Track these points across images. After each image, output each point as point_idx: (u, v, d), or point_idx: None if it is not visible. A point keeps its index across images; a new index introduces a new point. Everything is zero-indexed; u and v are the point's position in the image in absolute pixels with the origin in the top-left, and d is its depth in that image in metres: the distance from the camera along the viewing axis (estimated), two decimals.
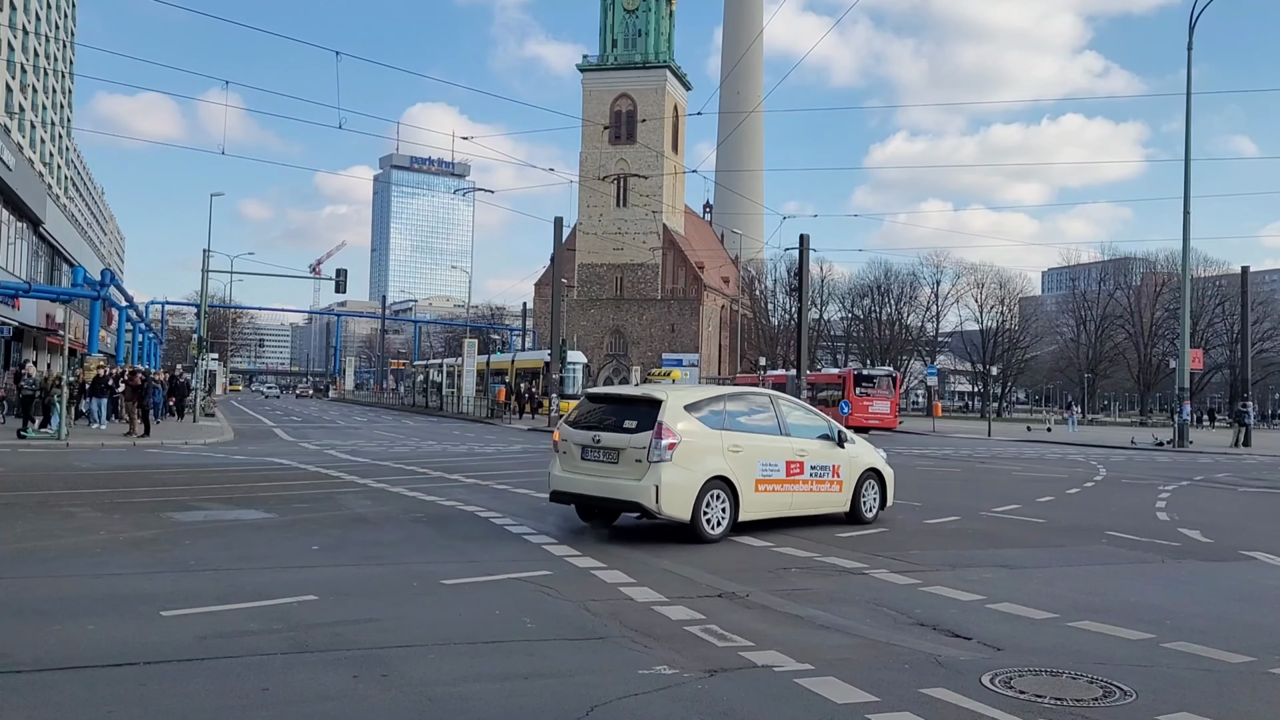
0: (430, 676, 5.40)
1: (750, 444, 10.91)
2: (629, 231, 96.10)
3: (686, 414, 10.53)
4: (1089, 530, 12.42)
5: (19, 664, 5.42)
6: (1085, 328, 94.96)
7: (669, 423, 10.26)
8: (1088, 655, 6.15)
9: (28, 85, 68.19)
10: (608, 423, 10.85)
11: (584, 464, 10.83)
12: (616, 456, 10.51)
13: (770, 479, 11.04)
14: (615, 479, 10.45)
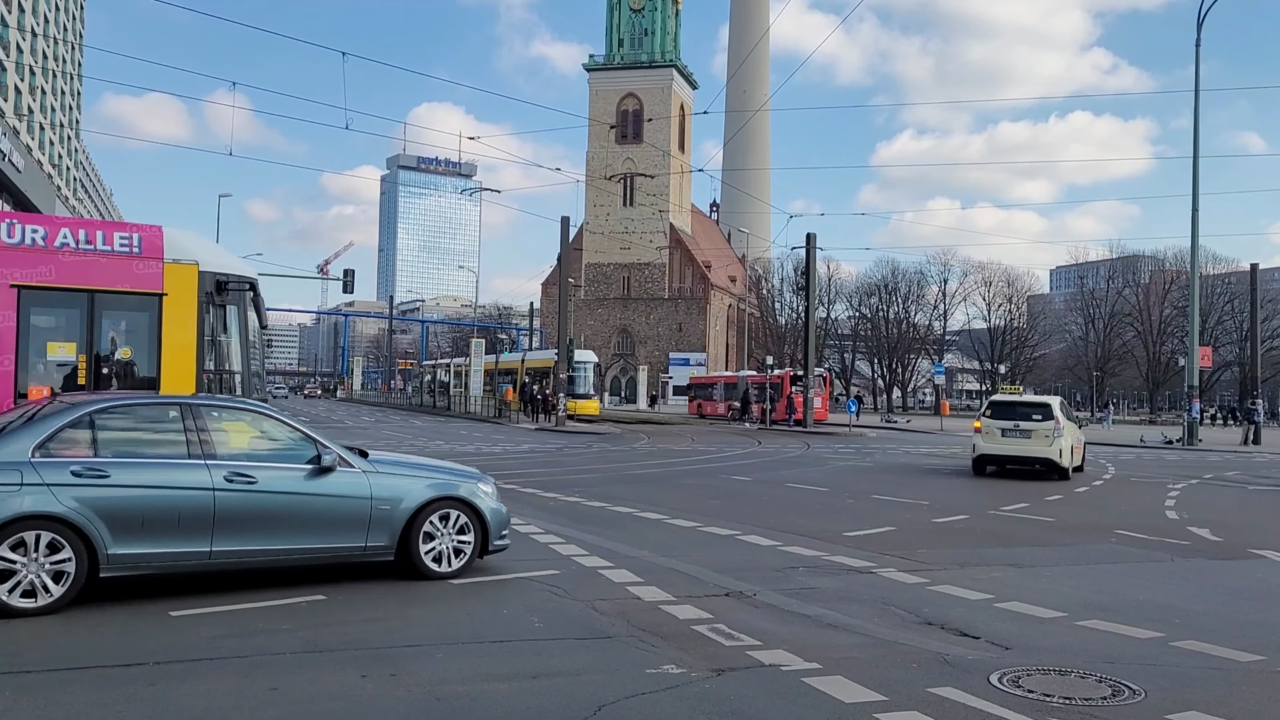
0: (439, 676, 5.41)
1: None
2: (636, 231, 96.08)
3: (1060, 412, 19.37)
4: (1098, 529, 12.39)
5: (29, 664, 5.45)
6: (1094, 326, 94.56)
7: (1059, 416, 19.32)
8: (1096, 654, 6.14)
9: (36, 87, 68.43)
10: (1018, 414, 19.82)
11: (1004, 440, 19.67)
12: (1030, 434, 19.32)
13: None
14: (1031, 448, 19.27)
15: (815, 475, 19.98)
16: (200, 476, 7.19)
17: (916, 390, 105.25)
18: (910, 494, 15.98)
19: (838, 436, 38.12)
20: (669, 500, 14.27)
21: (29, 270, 10.85)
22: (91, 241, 11.45)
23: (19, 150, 37.36)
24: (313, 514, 7.65)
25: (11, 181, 33.18)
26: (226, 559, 7.28)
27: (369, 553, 7.93)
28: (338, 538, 7.79)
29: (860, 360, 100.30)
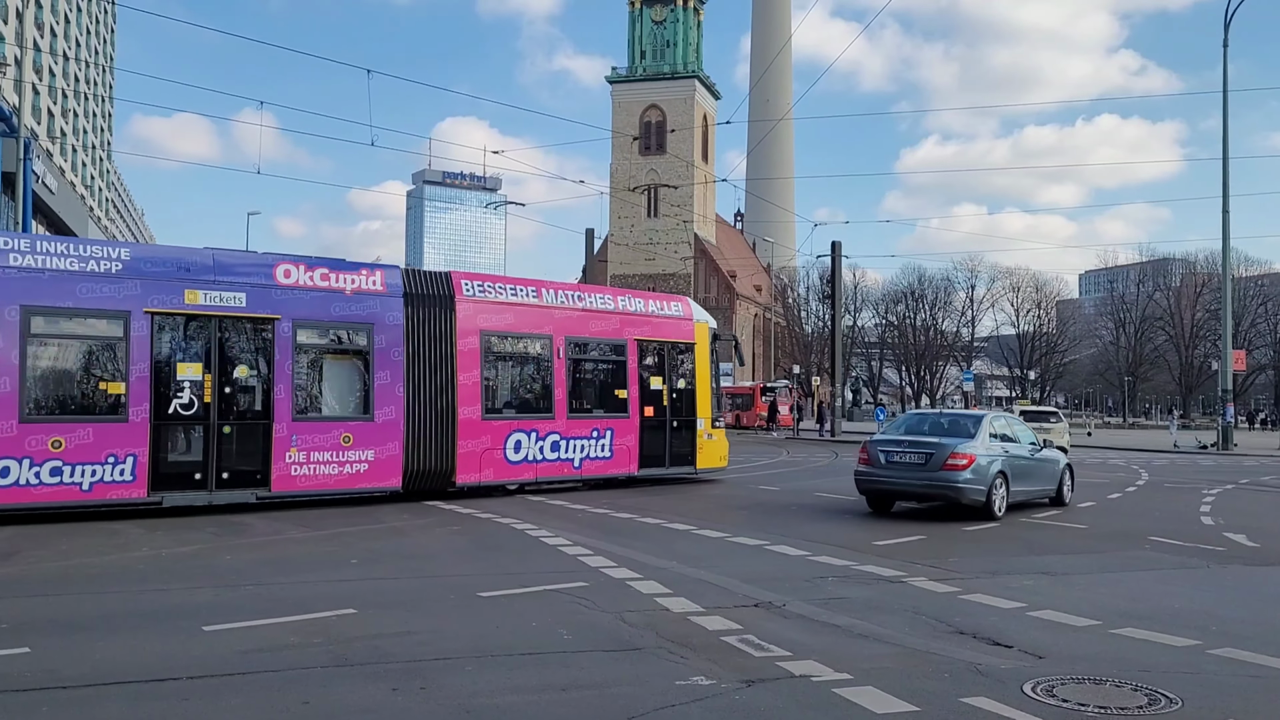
0: (468, 688, 5.43)
1: None
2: (660, 242, 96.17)
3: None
4: (1131, 535, 12.25)
5: (66, 680, 5.51)
6: (1124, 330, 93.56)
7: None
8: (1132, 663, 6.07)
9: (69, 110, 69.55)
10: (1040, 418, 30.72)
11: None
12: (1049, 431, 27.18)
13: None
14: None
15: (844, 485, 19.85)
16: (1025, 450, 14.82)
17: (945, 398, 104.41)
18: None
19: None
20: (696, 511, 14.24)
21: (640, 329, 18.50)
22: (666, 310, 19.37)
23: (53, 172, 37.97)
24: (1044, 471, 15.25)
25: (46, 204, 33.71)
26: (1022, 496, 14.72)
27: (1059, 495, 15.72)
28: (1045, 485, 15.35)
29: (888, 368, 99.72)
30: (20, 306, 12.16)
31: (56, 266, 12.50)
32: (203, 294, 13.37)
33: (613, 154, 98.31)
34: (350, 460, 14.48)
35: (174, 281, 13.24)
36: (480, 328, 16.01)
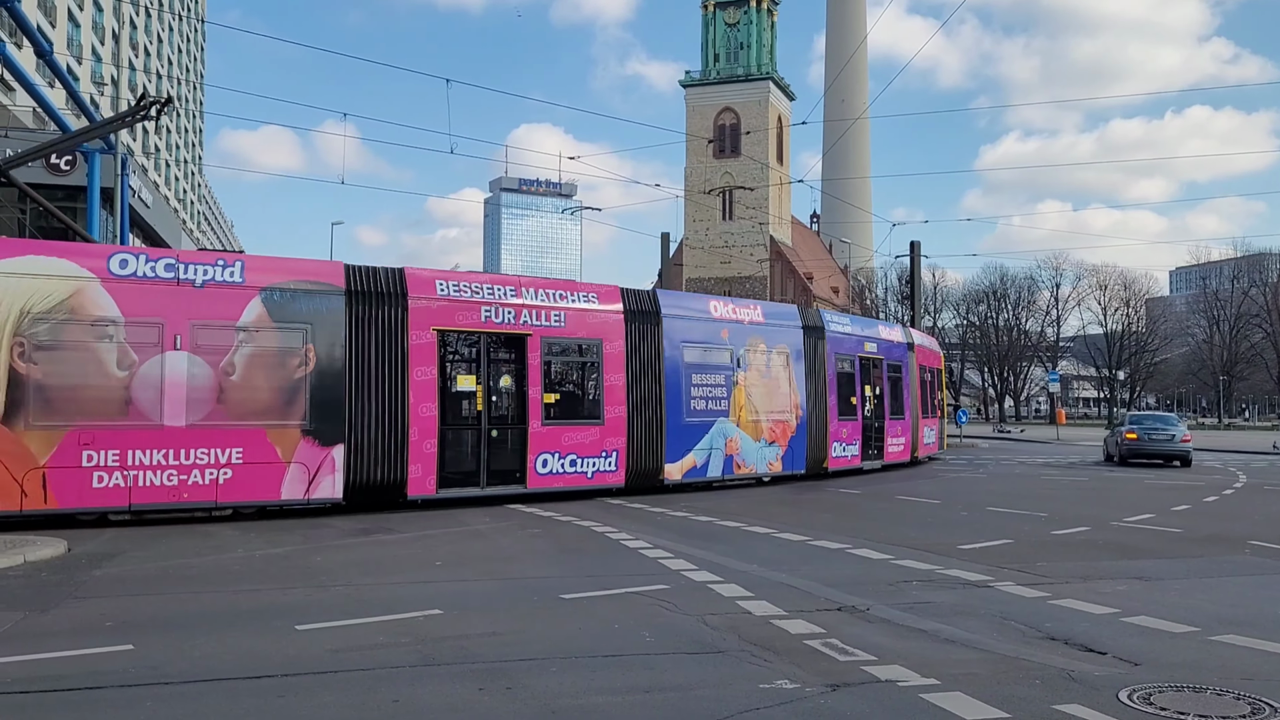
0: (553, 689, 5.48)
1: None
2: (736, 244, 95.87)
3: None
4: (1230, 540, 11.84)
5: (168, 676, 5.71)
6: (1218, 328, 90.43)
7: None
8: (1233, 670, 5.87)
9: (162, 126, 72.04)
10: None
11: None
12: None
13: None
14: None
15: (926, 488, 19.57)
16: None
17: (1030, 399, 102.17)
18: (1027, 506, 15.52)
19: (948, 448, 37.25)
20: (776, 514, 14.16)
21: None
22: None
23: (148, 187, 39.35)
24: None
25: (142, 217, 34.95)
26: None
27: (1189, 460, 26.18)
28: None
29: (969, 369, 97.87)
30: (435, 330, 15.08)
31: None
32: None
33: (687, 157, 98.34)
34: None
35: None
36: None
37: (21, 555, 9.72)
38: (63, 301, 12.48)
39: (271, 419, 13.61)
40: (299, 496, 13.80)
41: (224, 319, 13.39)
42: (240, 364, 13.45)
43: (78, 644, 6.39)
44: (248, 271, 13.73)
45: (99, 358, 12.65)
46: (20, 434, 12.18)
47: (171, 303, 13.08)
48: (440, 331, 15.10)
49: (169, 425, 12.91)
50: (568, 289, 17.05)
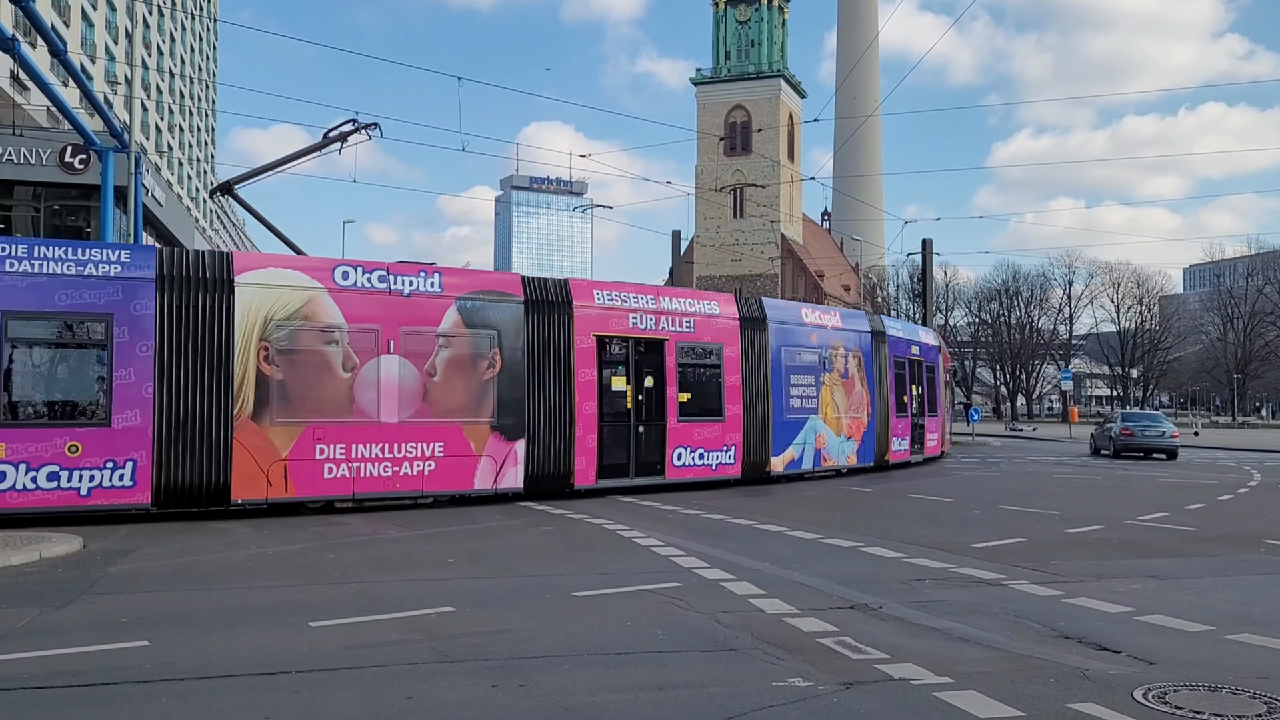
0: (566, 686, 5.49)
1: None
2: (747, 242, 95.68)
3: None
4: (1245, 539, 11.78)
5: (183, 672, 5.74)
6: (1232, 326, 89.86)
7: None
8: (1249, 669, 5.84)
9: (175, 125, 72.37)
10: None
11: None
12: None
13: None
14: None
15: (939, 486, 19.53)
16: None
17: (1042, 397, 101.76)
18: (1040, 504, 15.47)
19: (959, 446, 37.16)
20: (789, 512, 14.14)
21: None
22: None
23: (161, 186, 39.52)
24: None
25: (155, 216, 35.09)
26: None
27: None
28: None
29: (981, 367, 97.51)
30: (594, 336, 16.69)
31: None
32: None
33: (698, 155, 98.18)
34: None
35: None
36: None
37: (38, 552, 9.79)
38: (298, 310, 13.86)
39: (466, 416, 15.11)
40: (488, 486, 15.30)
41: (427, 325, 14.84)
42: (440, 366, 14.91)
43: (94, 640, 6.44)
44: (445, 282, 15.19)
45: (328, 360, 14.06)
46: (266, 429, 13.49)
47: (385, 310, 14.48)
48: (598, 337, 16.76)
49: (384, 421, 14.32)
50: (694, 298, 19.12)
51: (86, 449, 12.49)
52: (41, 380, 12.86)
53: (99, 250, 13.06)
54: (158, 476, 12.82)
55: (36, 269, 12.47)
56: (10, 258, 12.38)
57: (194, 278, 13.29)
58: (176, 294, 13.11)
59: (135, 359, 12.80)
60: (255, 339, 13.50)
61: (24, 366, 12.63)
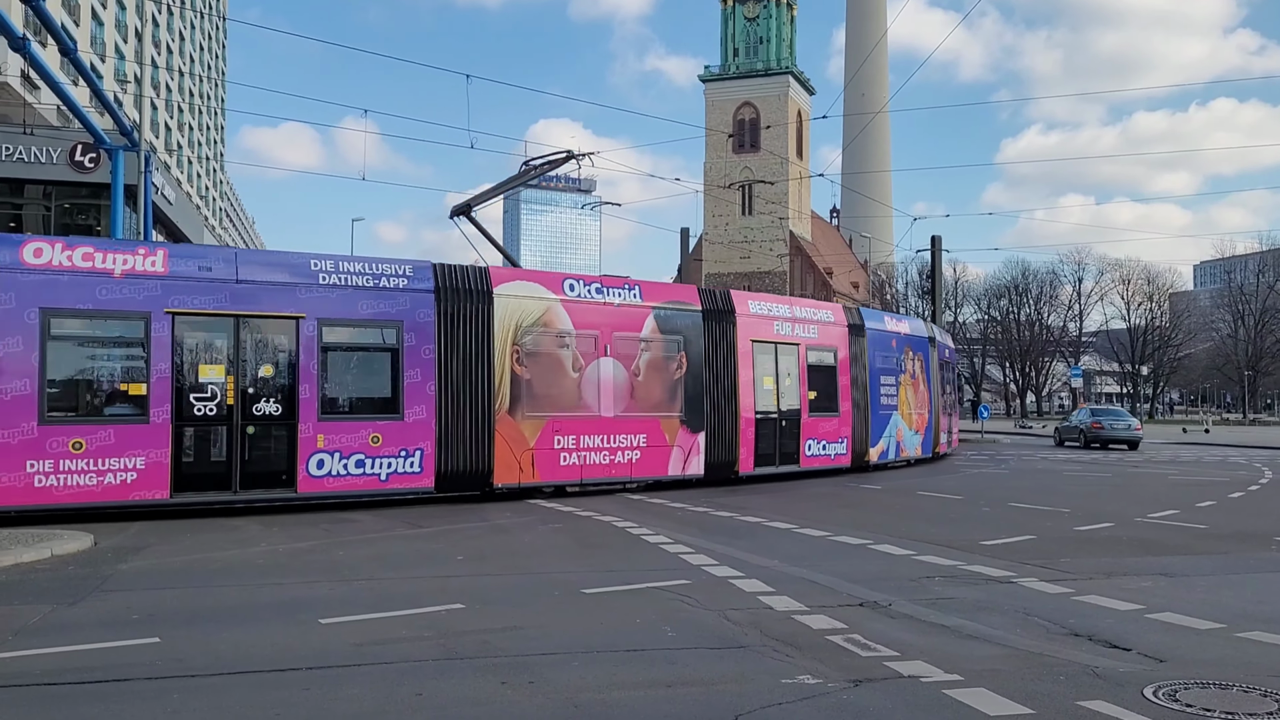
0: (575, 683, 5.49)
1: None
2: (755, 239, 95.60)
3: None
4: (1256, 536, 11.73)
5: (194, 669, 5.76)
6: (1243, 323, 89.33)
7: None
8: (1260, 667, 5.82)
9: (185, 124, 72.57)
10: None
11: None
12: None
13: None
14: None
15: (948, 483, 19.50)
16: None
17: (1052, 394, 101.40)
18: (1050, 502, 15.44)
19: (969, 443, 37.12)
20: (797, 510, 14.14)
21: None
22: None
23: (170, 184, 39.64)
24: None
25: (165, 214, 35.20)
26: None
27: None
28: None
29: (990, 364, 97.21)
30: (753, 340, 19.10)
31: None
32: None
33: (706, 152, 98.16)
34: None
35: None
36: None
37: (49, 549, 9.84)
38: (539, 318, 15.95)
39: (662, 411, 17.42)
40: (678, 473, 17.61)
41: (633, 331, 17.08)
42: (643, 367, 17.19)
43: (105, 637, 6.47)
44: (644, 294, 17.51)
45: (561, 362, 16.22)
46: (518, 422, 15.59)
47: (602, 318, 16.64)
48: (753, 341, 19.02)
49: (604, 415, 16.57)
50: (815, 307, 21.73)
51: (385, 440, 14.29)
52: (348, 379, 14.56)
53: (389, 265, 14.77)
54: (439, 464, 14.69)
55: (342, 282, 14.15)
56: (322, 271, 14.11)
57: (463, 289, 15.19)
58: (451, 303, 14.96)
59: (420, 361, 14.59)
60: (509, 343, 15.52)
61: (335, 367, 14.26)
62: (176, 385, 13.14)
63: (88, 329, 13.04)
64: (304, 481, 13.69)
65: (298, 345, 13.77)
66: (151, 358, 13.02)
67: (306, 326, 13.82)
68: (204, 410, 13.29)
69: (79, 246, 12.94)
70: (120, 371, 13.25)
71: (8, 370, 12.23)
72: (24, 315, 12.38)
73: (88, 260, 12.82)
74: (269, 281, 13.78)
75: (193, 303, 13.25)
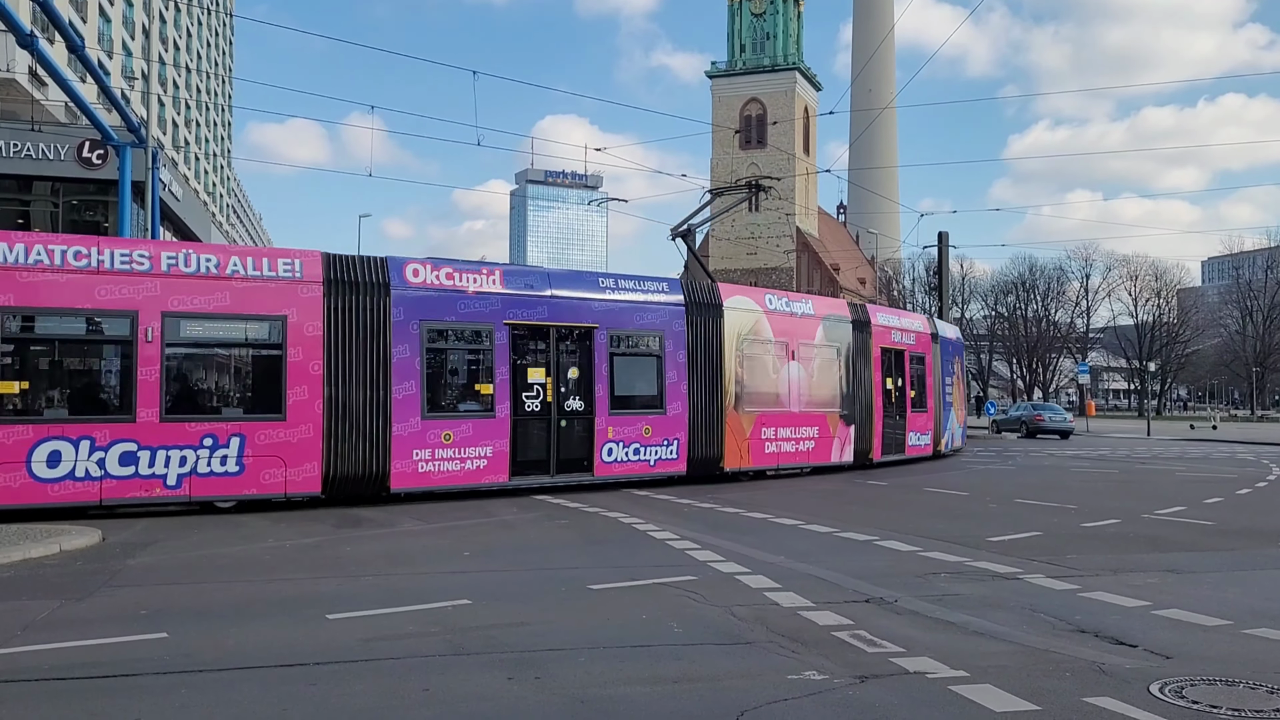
0: (582, 679, 5.51)
1: None
2: (762, 236, 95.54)
3: None
4: (1264, 533, 11.71)
5: (202, 664, 5.79)
6: (1251, 319, 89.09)
7: None
8: (1266, 664, 5.81)
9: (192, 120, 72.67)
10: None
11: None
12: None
13: None
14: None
15: (955, 479, 19.48)
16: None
17: (1059, 391, 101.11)
18: (1056, 498, 15.41)
19: (975, 439, 37.06)
20: (804, 506, 14.14)
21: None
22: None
23: (178, 180, 39.70)
24: None
25: (172, 210, 35.25)
26: None
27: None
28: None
29: (997, 361, 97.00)
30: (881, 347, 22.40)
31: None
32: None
33: (713, 148, 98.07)
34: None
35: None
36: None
37: (58, 544, 9.88)
38: (752, 327, 18.80)
39: (828, 407, 20.49)
40: (836, 460, 20.68)
41: (809, 339, 20.09)
42: (815, 369, 20.20)
43: (113, 632, 6.49)
44: (815, 307, 21.00)
45: (765, 365, 19.09)
46: (740, 416, 18.38)
47: (789, 327, 19.64)
48: (881, 348, 22.21)
49: (793, 410, 19.52)
50: (910, 317, 25.42)
51: (654, 431, 17.08)
52: (627, 380, 17.05)
53: (653, 282, 17.70)
54: (690, 451, 17.53)
55: (620, 298, 16.97)
56: (607, 288, 17.00)
57: (704, 304, 18.02)
58: (696, 315, 17.80)
59: (676, 365, 17.38)
60: (734, 348, 18.27)
61: (619, 370, 16.82)
62: (513, 385, 15.51)
63: (450, 338, 15.42)
64: (599, 467, 16.39)
65: (594, 351, 16.42)
66: (495, 362, 15.34)
67: (599, 335, 16.48)
68: (531, 407, 15.76)
69: (442, 267, 15.33)
70: (472, 375, 15.62)
71: (400, 373, 14.35)
72: (409, 327, 14.52)
73: (450, 279, 15.10)
74: (573, 296, 16.42)
75: (523, 315, 15.72)
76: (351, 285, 14.11)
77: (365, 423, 14.02)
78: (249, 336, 13.62)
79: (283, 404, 13.48)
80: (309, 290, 13.76)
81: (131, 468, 12.51)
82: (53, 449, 12.21)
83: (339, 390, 13.84)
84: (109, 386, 13.06)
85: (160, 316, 12.75)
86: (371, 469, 14.09)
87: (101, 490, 12.39)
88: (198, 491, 12.92)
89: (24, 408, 12.32)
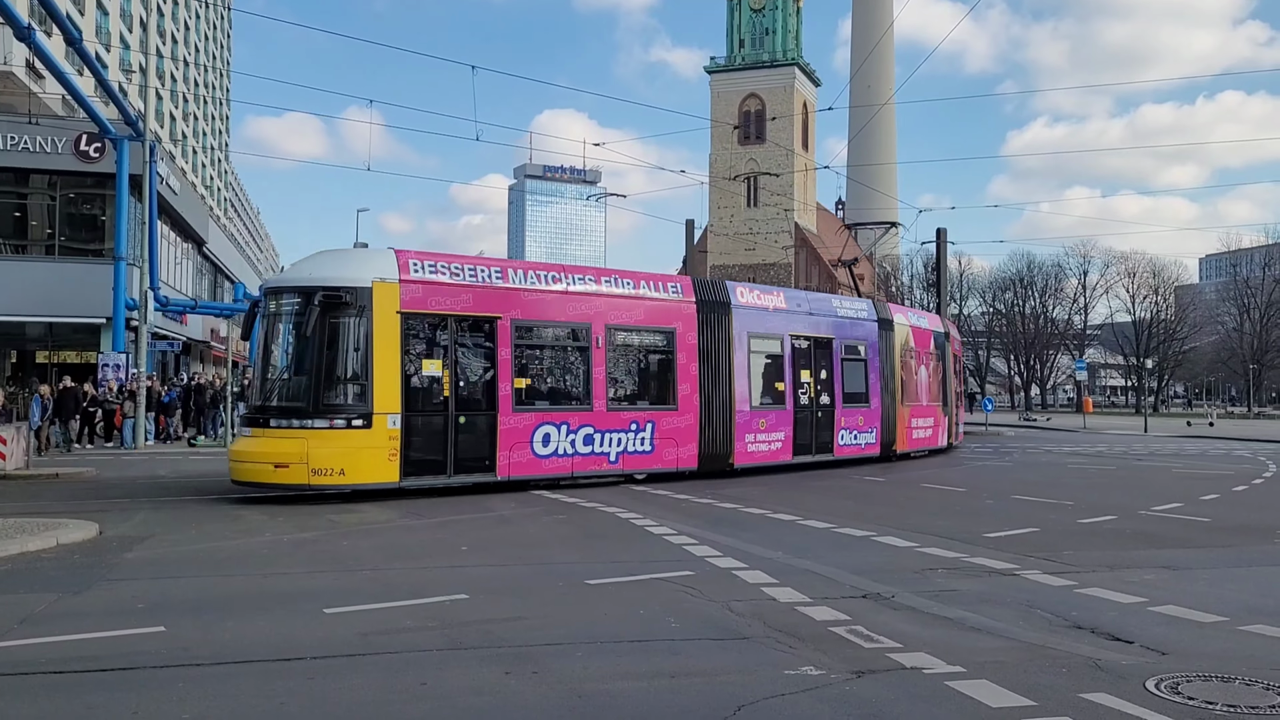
0: (579, 674, 5.51)
1: None
2: (760, 231, 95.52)
3: None
4: (1260, 529, 11.73)
5: (199, 658, 5.79)
6: (1249, 316, 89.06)
7: None
8: (1262, 660, 5.82)
9: (189, 113, 72.51)
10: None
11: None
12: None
13: None
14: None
15: (952, 475, 19.50)
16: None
17: (1056, 387, 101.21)
18: (1053, 494, 15.44)
19: (973, 436, 37.11)
20: (802, 502, 14.15)
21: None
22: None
23: (175, 174, 39.63)
24: None
25: (170, 204, 35.20)
26: None
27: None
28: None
29: (995, 357, 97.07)
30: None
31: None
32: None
33: (712, 144, 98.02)
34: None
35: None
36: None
37: (55, 538, 9.88)
38: (906, 338, 23.64)
39: (934, 400, 25.35)
40: (941, 444, 25.63)
41: (925, 348, 24.82)
42: (930, 371, 25.11)
43: (110, 625, 6.50)
44: (929, 320, 26.32)
45: (911, 367, 23.74)
46: (902, 410, 23.02)
47: (921, 337, 24.53)
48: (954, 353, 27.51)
49: (923, 404, 24.44)
50: (931, 320, 27.69)
51: (865, 421, 21.52)
52: (848, 380, 21.09)
53: (860, 302, 22.69)
54: (882, 438, 22.05)
55: (847, 317, 21.57)
56: (840, 305, 21.90)
57: (886, 319, 22.74)
58: (885, 328, 22.54)
59: (874, 368, 21.88)
60: (898, 355, 22.87)
61: (847, 371, 21.07)
62: (794, 383, 19.56)
63: (761, 346, 18.97)
64: (837, 449, 20.69)
65: (832, 357, 20.63)
66: (784, 366, 19.44)
67: (836, 344, 20.80)
68: (803, 401, 19.86)
69: (756, 289, 19.75)
70: (770, 376, 19.28)
71: (738, 373, 18.15)
72: (742, 337, 18.38)
73: (759, 299, 19.30)
74: (817, 314, 20.70)
75: (799, 328, 19.95)
76: (710, 304, 17.87)
77: (721, 413, 17.76)
78: (654, 343, 17.19)
79: (675, 397, 17.11)
80: (688, 307, 17.53)
81: (590, 447, 15.76)
82: (545, 432, 15.27)
83: (706, 387, 17.48)
84: (576, 382, 16.05)
85: (605, 328, 16.11)
86: (724, 449, 17.88)
87: (573, 465, 15.63)
88: (628, 466, 16.32)
89: (527, 398, 15.26)
